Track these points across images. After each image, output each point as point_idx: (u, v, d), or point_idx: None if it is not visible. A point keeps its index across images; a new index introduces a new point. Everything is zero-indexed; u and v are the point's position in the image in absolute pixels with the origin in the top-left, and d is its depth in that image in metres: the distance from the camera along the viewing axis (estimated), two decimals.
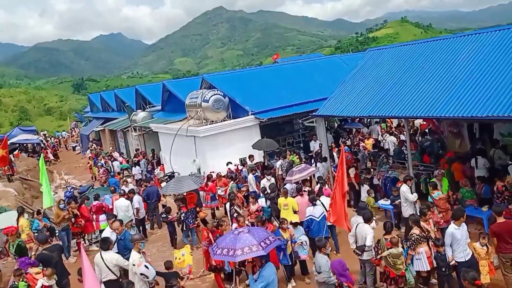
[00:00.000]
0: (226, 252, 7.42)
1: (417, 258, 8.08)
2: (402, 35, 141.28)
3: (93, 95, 46.56)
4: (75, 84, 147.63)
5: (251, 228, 8.38)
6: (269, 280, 7.16)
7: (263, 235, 7.74)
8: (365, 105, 12.32)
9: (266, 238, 7.70)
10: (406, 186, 10.53)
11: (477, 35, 11.66)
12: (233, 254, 7.28)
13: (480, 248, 7.68)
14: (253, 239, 7.43)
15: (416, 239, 8.07)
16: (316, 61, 26.11)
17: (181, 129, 18.54)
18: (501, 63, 10.03)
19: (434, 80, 11.18)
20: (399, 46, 14.27)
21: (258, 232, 7.90)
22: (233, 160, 16.70)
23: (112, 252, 8.47)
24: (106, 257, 8.19)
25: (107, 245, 8.39)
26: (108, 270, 8.13)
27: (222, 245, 7.61)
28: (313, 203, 10.13)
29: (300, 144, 20.06)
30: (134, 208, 12.96)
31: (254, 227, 8.79)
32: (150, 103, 27.71)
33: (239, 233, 7.70)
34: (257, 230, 8.06)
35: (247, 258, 7.57)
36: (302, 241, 9.11)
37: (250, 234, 7.62)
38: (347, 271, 7.82)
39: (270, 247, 7.68)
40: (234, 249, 7.30)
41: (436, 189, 10.14)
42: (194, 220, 12.27)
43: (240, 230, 7.90)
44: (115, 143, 31.88)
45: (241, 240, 7.44)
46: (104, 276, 8.16)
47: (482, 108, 9.26)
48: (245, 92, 19.71)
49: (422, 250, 8.08)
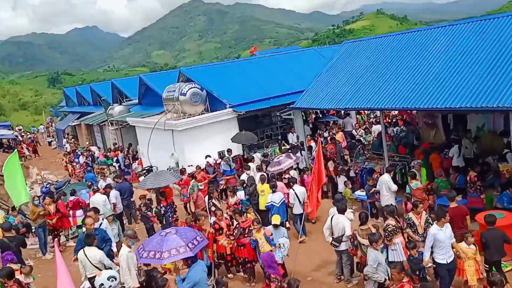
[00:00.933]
0: (152, 255, 7.12)
1: (392, 249, 8.14)
2: (378, 27, 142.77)
3: (69, 89, 45.52)
4: (51, 78, 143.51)
5: (179, 228, 8.05)
6: (195, 280, 7.06)
7: (190, 236, 7.52)
8: (341, 97, 12.41)
9: (194, 238, 7.46)
10: (388, 175, 10.68)
11: (451, 27, 11.86)
12: (160, 257, 7.02)
13: (467, 248, 7.51)
14: (180, 241, 7.19)
15: (392, 230, 8.16)
16: (293, 53, 26.12)
17: (158, 123, 18.30)
18: (474, 55, 10.24)
19: (409, 71, 11.34)
20: (374, 38, 14.41)
21: (186, 232, 7.66)
22: (211, 153, 16.61)
23: (96, 248, 8.33)
24: (90, 253, 8.05)
25: (90, 240, 8.25)
26: (92, 267, 8.00)
27: (148, 248, 7.28)
28: (273, 190, 11.04)
29: (278, 136, 20.11)
30: (111, 203, 12.73)
31: (182, 227, 8.53)
32: (126, 96, 27.22)
33: (166, 234, 7.40)
34: (185, 231, 7.80)
35: (174, 260, 7.42)
36: (281, 243, 8.68)
37: (178, 235, 7.36)
38: (276, 263, 8.07)
39: (198, 247, 7.46)
40: (161, 251, 7.06)
41: (414, 178, 10.33)
42: (173, 214, 12.16)
43: (168, 231, 7.58)
44: (92, 138, 31.29)
45: (168, 241, 7.19)
46: (90, 273, 8.02)
47: (456, 99, 9.45)
48: (223, 85, 19.55)
49: (398, 240, 8.17)
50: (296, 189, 11.18)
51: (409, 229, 8.23)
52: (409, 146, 14.02)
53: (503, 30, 10.24)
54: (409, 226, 8.27)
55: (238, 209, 9.76)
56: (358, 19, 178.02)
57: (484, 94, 8.98)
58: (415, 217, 8.26)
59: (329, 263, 9.50)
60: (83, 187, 15.71)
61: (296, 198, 11.05)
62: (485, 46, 10.23)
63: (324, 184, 13.18)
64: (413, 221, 8.22)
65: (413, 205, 8.48)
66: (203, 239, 7.84)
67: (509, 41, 9.79)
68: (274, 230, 8.88)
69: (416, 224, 8.19)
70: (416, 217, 8.25)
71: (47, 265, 9.56)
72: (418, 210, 8.30)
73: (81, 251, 8.12)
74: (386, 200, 10.42)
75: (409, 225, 8.27)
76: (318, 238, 10.26)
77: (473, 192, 10.06)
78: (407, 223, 8.31)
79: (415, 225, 8.19)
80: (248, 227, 9.14)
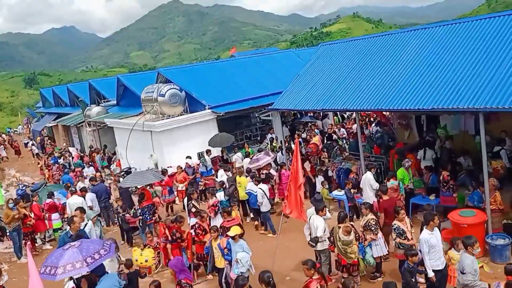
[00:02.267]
0: (48, 270, 6.79)
1: (376, 244, 8.38)
2: (354, 30, 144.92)
3: (46, 90, 44.73)
4: (27, 78, 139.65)
5: (84, 240, 7.72)
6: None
7: (93, 249, 7.15)
8: (319, 98, 12.58)
9: (96, 252, 7.11)
10: (371, 173, 10.88)
11: (423, 30, 12.13)
12: (54, 273, 6.67)
13: (457, 254, 7.22)
14: (78, 255, 6.90)
15: (376, 223, 8.40)
16: (272, 55, 26.34)
17: (137, 124, 18.15)
18: (445, 57, 10.49)
19: (383, 73, 11.58)
20: (350, 41, 14.66)
21: (89, 246, 7.28)
22: (191, 154, 16.57)
23: None
24: None
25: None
26: None
27: (47, 263, 6.98)
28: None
29: (257, 137, 20.22)
30: (87, 205, 12.55)
31: (90, 239, 8.36)
32: (105, 97, 26.89)
33: (68, 248, 7.10)
34: (90, 244, 7.45)
35: (68, 276, 7.07)
36: (238, 258, 7.88)
37: (79, 248, 7.05)
38: (185, 266, 8.07)
39: (99, 262, 7.09)
40: (56, 266, 6.73)
41: (393, 178, 10.51)
42: (152, 216, 12.08)
43: (72, 244, 7.27)
44: (69, 139, 30.74)
45: (65, 256, 6.89)
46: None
47: (428, 101, 9.68)
48: (202, 86, 19.58)
49: (380, 235, 8.43)
50: (262, 187, 11.54)
51: (399, 238, 7.88)
52: (384, 147, 14.34)
53: (473, 33, 10.56)
54: (398, 235, 7.91)
55: (227, 208, 9.74)
56: (335, 22, 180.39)
57: (456, 96, 9.24)
58: (401, 224, 7.95)
59: None
60: (59, 189, 15.44)
61: (264, 196, 11.36)
62: (456, 49, 10.52)
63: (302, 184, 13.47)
64: (402, 229, 7.88)
65: (395, 212, 8.11)
66: (108, 251, 7.34)
67: (479, 44, 10.10)
68: (233, 243, 8.12)
69: (406, 231, 7.89)
70: (402, 224, 7.95)
71: (22, 269, 9.35)
72: (401, 216, 7.99)
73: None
74: (369, 198, 10.38)
75: (399, 234, 7.90)
76: (296, 237, 10.35)
77: (446, 191, 10.36)
78: (396, 233, 7.95)
79: (404, 232, 7.87)
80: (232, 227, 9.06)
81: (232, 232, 8.07)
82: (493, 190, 9.15)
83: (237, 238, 8.02)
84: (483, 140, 9.00)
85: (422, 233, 7.26)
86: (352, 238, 7.98)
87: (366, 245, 8.33)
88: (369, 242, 8.36)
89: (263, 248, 10.49)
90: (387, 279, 7.64)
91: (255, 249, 10.29)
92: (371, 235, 8.32)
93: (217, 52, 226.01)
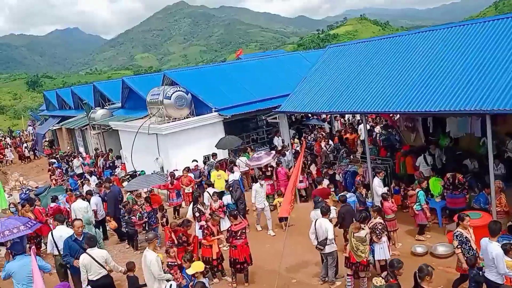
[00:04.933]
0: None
1: (380, 247, 8.41)
2: (361, 32, 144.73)
3: (49, 92, 44.70)
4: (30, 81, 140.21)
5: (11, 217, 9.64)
6: (10, 272, 7.86)
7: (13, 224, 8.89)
8: (325, 101, 12.56)
9: (15, 227, 8.79)
10: (378, 179, 10.88)
11: (430, 32, 12.11)
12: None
13: (509, 260, 6.47)
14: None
15: (382, 228, 8.43)
16: (279, 57, 26.32)
17: (142, 127, 18.17)
18: (452, 59, 10.47)
19: (390, 75, 11.54)
20: (357, 43, 14.63)
21: (11, 222, 9.01)
22: (197, 158, 16.58)
23: (98, 248, 8.29)
24: (95, 254, 7.97)
25: (94, 241, 8.21)
26: (99, 267, 7.92)
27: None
28: (232, 171, 13.66)
29: (264, 140, 20.20)
30: (92, 209, 12.53)
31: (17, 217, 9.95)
32: (109, 100, 26.95)
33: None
34: (14, 220, 9.19)
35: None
36: None
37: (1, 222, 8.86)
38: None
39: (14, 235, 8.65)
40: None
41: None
42: (158, 220, 12.09)
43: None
44: (73, 143, 30.83)
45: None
46: (95, 274, 7.91)
47: (435, 103, 9.65)
48: (208, 89, 19.58)
49: (384, 239, 8.47)
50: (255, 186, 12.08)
51: (460, 248, 7.18)
52: (390, 149, 14.29)
53: (480, 35, 10.52)
54: (461, 243, 7.21)
55: (234, 211, 9.68)
56: (342, 24, 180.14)
57: (462, 98, 9.21)
58: (465, 232, 7.34)
59: (313, 265, 9.62)
60: (64, 193, 15.49)
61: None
62: (463, 51, 10.48)
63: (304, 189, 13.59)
64: (466, 237, 7.25)
65: (459, 218, 7.43)
66: (29, 228, 9.04)
67: (486, 46, 10.06)
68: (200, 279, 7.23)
69: (470, 240, 7.25)
70: (466, 232, 7.34)
71: None
72: (465, 223, 7.35)
73: (85, 255, 7.96)
74: (379, 202, 10.41)
75: (462, 243, 7.21)
76: (302, 240, 10.35)
77: (458, 193, 10.32)
78: (458, 241, 7.23)
79: (469, 241, 7.23)
80: (240, 230, 9.16)
81: (192, 269, 7.32)
82: (498, 192, 9.12)
83: (199, 275, 7.25)
84: (490, 142, 8.97)
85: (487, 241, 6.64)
86: (364, 234, 8.00)
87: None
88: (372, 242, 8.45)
89: (270, 251, 10.50)
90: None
91: (262, 252, 10.35)
92: (374, 237, 8.40)
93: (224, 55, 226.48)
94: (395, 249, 9.80)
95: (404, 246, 9.98)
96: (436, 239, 10.01)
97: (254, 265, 9.69)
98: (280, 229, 11.97)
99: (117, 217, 12.49)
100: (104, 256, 8.04)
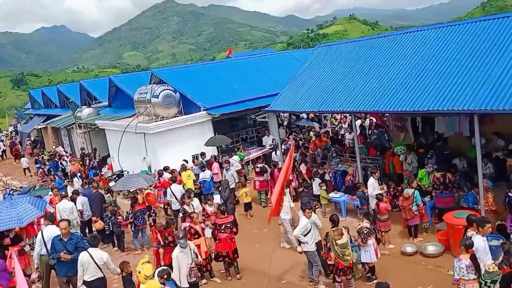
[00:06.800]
0: None
1: (365, 250, 8.41)
2: (351, 32, 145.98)
3: (35, 90, 43.99)
4: (15, 79, 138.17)
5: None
6: None
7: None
8: (315, 100, 12.51)
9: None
10: (373, 179, 10.82)
11: (420, 32, 12.16)
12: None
13: None
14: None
15: (367, 232, 8.41)
16: (268, 56, 26.23)
17: (129, 125, 17.90)
18: (441, 59, 10.51)
19: (380, 75, 11.55)
20: (347, 42, 14.61)
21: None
22: (185, 157, 16.38)
23: (99, 250, 8.14)
24: (95, 255, 7.85)
25: (96, 241, 8.11)
26: (97, 268, 7.81)
27: None
28: (202, 170, 14.40)
29: (253, 139, 20.09)
30: (78, 209, 12.26)
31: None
32: (96, 99, 26.55)
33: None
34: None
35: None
36: None
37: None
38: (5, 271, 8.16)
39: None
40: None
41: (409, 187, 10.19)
42: (144, 220, 11.87)
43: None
44: (59, 142, 30.33)
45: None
46: (91, 275, 7.78)
47: (424, 102, 9.67)
48: (197, 88, 19.39)
49: (370, 242, 8.46)
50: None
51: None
52: (379, 148, 14.30)
53: (468, 36, 10.57)
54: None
55: (222, 208, 9.71)
56: (332, 23, 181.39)
57: (450, 98, 9.24)
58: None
59: (303, 265, 9.53)
60: (47, 192, 15.17)
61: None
62: (451, 51, 10.54)
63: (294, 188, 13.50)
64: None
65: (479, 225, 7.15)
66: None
67: (474, 46, 10.12)
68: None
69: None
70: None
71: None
72: (486, 229, 7.19)
73: (85, 253, 7.84)
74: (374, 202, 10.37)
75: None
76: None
77: (448, 193, 10.32)
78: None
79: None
80: (224, 224, 9.26)
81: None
82: (485, 191, 9.13)
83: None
84: (478, 142, 9.02)
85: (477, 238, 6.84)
86: (346, 239, 7.95)
87: (356, 245, 8.46)
88: (357, 245, 8.47)
89: (260, 252, 10.38)
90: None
91: (252, 252, 10.23)
92: (360, 241, 8.40)
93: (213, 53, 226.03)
94: (385, 249, 9.78)
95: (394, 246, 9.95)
96: (425, 238, 10.00)
97: (244, 265, 9.69)
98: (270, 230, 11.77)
99: (102, 218, 12.25)
100: (103, 259, 7.90)
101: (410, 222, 10.02)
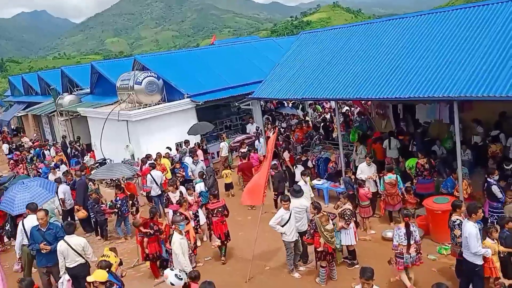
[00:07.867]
0: None
1: (346, 233, 8.55)
2: (334, 19, 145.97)
3: (15, 77, 43.08)
4: None
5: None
6: None
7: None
8: (298, 87, 12.52)
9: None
10: (365, 164, 10.99)
11: (402, 19, 12.20)
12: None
13: (493, 243, 6.89)
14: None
15: (351, 214, 8.57)
16: (252, 43, 26.05)
17: (112, 113, 17.68)
18: (422, 46, 10.58)
19: (362, 62, 11.59)
20: (330, 30, 14.60)
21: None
22: (168, 144, 16.30)
23: (77, 236, 8.08)
24: (72, 242, 7.80)
25: (72, 228, 8.04)
26: (76, 254, 7.78)
27: None
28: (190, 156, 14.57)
29: (237, 127, 20.07)
30: (59, 198, 12.13)
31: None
32: (78, 85, 26.06)
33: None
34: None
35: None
36: None
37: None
38: None
39: None
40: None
41: (390, 172, 10.28)
42: (129, 207, 11.81)
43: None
44: (40, 130, 29.77)
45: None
46: (73, 262, 7.76)
47: (405, 90, 9.76)
48: (180, 74, 19.21)
49: (352, 225, 8.61)
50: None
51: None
52: (362, 136, 14.43)
53: (448, 23, 10.66)
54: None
55: (214, 192, 10.08)
56: (315, 11, 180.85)
57: (431, 85, 9.33)
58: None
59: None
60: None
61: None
62: (432, 38, 10.62)
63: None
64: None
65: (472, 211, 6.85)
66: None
67: (454, 33, 10.21)
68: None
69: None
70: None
71: None
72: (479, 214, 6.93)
73: (62, 241, 7.78)
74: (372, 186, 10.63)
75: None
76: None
77: (430, 178, 10.49)
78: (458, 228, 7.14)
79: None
80: (216, 208, 9.52)
81: (93, 277, 6.72)
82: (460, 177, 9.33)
83: (99, 286, 6.59)
84: (457, 129, 9.18)
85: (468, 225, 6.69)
86: (332, 226, 8.10)
87: (337, 230, 8.54)
88: (339, 229, 8.57)
89: (243, 239, 10.47)
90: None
91: (235, 240, 10.28)
92: (343, 223, 8.53)
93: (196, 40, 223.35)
94: (366, 234, 9.96)
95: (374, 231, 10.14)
96: None
97: (228, 252, 9.84)
98: (253, 217, 11.88)
99: (86, 206, 12.13)
100: (81, 244, 7.87)
101: (396, 207, 10.14)
